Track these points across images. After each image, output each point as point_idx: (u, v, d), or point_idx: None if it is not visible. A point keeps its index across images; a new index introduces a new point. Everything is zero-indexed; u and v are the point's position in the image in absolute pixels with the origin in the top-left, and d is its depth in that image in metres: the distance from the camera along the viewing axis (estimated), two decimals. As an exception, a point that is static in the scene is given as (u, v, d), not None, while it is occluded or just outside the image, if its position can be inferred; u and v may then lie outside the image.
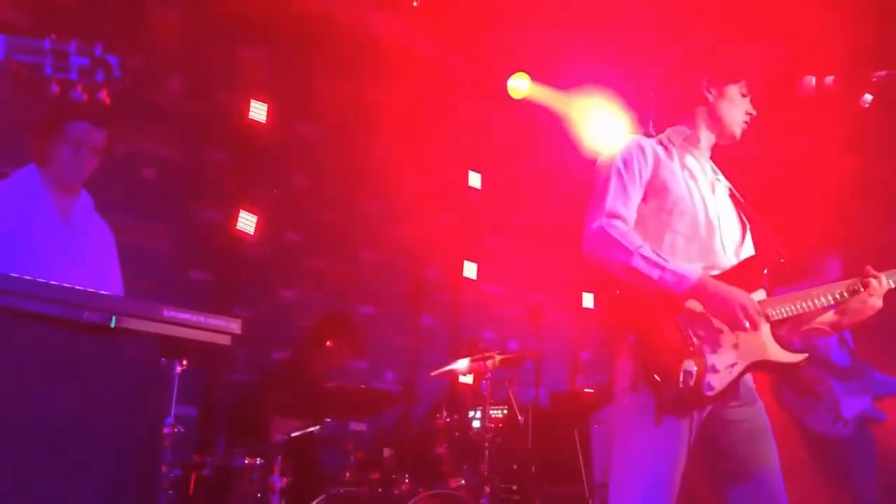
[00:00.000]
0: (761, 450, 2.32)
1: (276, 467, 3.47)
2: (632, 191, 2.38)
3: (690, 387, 2.16)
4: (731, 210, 2.56)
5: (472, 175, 6.71)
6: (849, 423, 4.08)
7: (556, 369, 6.61)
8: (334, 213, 5.79)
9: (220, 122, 5.25)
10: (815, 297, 2.41)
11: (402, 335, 6.02)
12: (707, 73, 2.55)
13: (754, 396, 2.40)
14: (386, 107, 6.26)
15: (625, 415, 2.31)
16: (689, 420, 2.23)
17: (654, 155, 2.46)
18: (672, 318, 2.26)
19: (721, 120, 2.56)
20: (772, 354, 2.32)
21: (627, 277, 2.26)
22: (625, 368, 2.30)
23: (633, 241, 2.26)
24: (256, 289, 5.27)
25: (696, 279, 2.22)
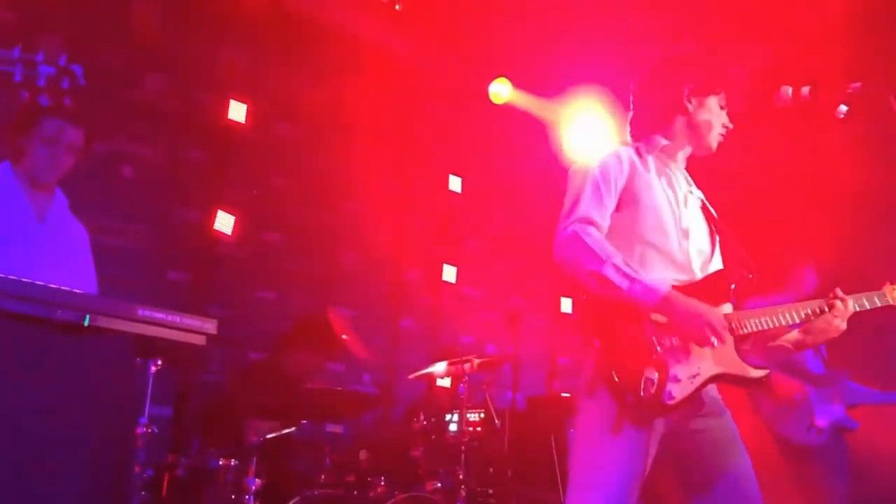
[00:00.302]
0: (731, 460, 2.32)
1: (250, 469, 3.45)
2: (606, 199, 2.38)
3: (651, 394, 2.16)
4: (702, 223, 2.56)
5: (453, 178, 6.72)
6: (822, 432, 4.10)
7: (533, 374, 6.62)
8: (313, 215, 5.77)
9: (200, 122, 5.23)
10: (780, 314, 2.42)
11: (381, 338, 6.00)
12: (688, 82, 2.56)
13: (721, 407, 2.40)
14: (367, 109, 6.26)
15: (584, 419, 2.31)
16: (649, 430, 2.22)
17: (630, 164, 2.46)
18: (638, 326, 2.25)
19: (699, 131, 2.56)
20: (734, 368, 2.32)
21: (597, 286, 2.24)
22: (587, 373, 2.30)
23: (606, 249, 2.25)
24: (234, 289, 5.24)
25: (664, 293, 2.21)
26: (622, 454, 2.21)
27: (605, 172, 2.41)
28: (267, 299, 5.39)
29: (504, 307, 6.90)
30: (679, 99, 2.55)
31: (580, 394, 2.33)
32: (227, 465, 3.54)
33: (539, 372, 6.38)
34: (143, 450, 3.27)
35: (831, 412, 4.13)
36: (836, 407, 4.16)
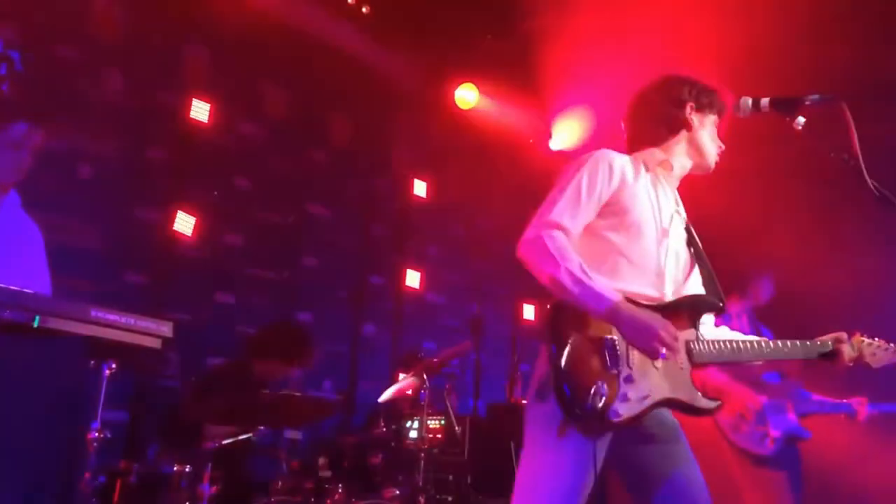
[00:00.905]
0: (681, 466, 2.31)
1: (205, 475, 3.38)
2: (585, 205, 2.35)
3: (597, 409, 2.13)
4: (683, 245, 2.54)
5: (418, 183, 6.71)
6: (776, 441, 4.17)
7: (495, 381, 6.63)
8: (277, 218, 5.72)
9: (161, 121, 5.15)
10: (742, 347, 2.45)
11: (342, 343, 5.96)
12: (692, 99, 2.57)
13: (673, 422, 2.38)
14: (332, 112, 6.24)
15: (533, 425, 2.28)
16: (595, 441, 2.20)
17: (620, 174, 2.43)
18: (598, 337, 2.23)
19: (702, 149, 2.57)
20: (685, 395, 2.30)
21: (553, 289, 2.24)
22: (540, 377, 2.28)
23: (565, 255, 2.24)
24: (193, 292, 5.16)
25: (613, 301, 2.19)
26: (567, 464, 2.19)
27: (592, 179, 2.38)
28: (227, 303, 5.32)
29: (467, 313, 6.91)
30: (684, 115, 2.56)
31: (531, 400, 2.31)
32: (182, 471, 3.47)
33: (501, 379, 6.38)
34: (95, 455, 3.18)
35: (784, 422, 4.21)
36: (790, 417, 4.24)
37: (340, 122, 6.27)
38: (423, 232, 6.75)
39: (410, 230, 6.65)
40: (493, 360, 6.92)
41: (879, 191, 2.21)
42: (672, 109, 2.56)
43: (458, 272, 6.99)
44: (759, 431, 4.20)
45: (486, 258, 7.20)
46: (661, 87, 2.63)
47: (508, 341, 7.19)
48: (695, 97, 2.57)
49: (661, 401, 2.25)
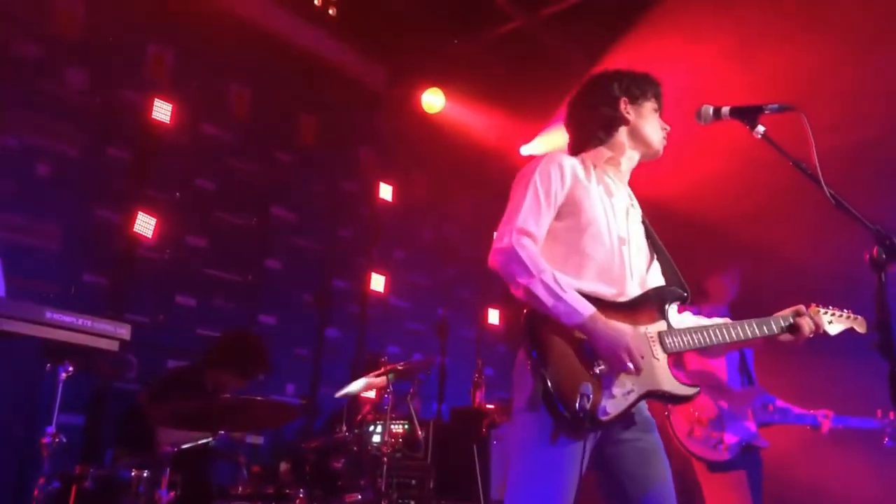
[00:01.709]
0: (655, 471, 2.36)
1: (163, 480, 3.32)
2: (544, 208, 2.41)
3: (587, 410, 2.18)
4: (641, 238, 2.60)
5: (384, 187, 6.69)
6: (729, 448, 4.14)
7: (460, 384, 6.63)
8: (240, 220, 5.66)
9: (122, 120, 5.07)
10: (711, 333, 2.49)
11: (305, 347, 5.92)
12: (624, 94, 2.62)
13: (648, 417, 2.44)
14: (297, 114, 6.20)
15: (522, 432, 2.32)
16: (584, 441, 2.25)
17: (572, 174, 2.48)
18: (577, 341, 2.29)
19: (645, 138, 2.63)
20: (666, 386, 2.37)
21: (527, 299, 2.29)
22: (525, 385, 2.31)
23: (538, 265, 2.29)
24: (153, 295, 5.08)
25: (586, 316, 2.25)
26: (558, 467, 2.23)
27: (546, 182, 2.43)
28: (188, 305, 5.25)
29: (432, 317, 6.91)
30: (618, 111, 2.61)
31: (519, 407, 2.33)
32: (139, 476, 3.40)
33: (465, 383, 6.38)
34: (49, 460, 3.12)
35: (742, 429, 4.18)
36: (747, 424, 4.21)
37: (306, 124, 6.23)
38: (388, 236, 6.73)
39: (376, 234, 6.63)
40: (457, 364, 6.92)
41: (836, 199, 2.25)
42: (606, 109, 2.63)
43: (423, 276, 6.98)
44: (714, 437, 4.18)
45: (452, 262, 7.22)
46: (591, 88, 2.70)
47: (473, 345, 7.20)
48: (625, 91, 2.64)
49: (644, 393, 2.33)
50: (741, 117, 2.44)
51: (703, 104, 2.49)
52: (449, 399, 6.64)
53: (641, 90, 2.65)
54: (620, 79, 2.66)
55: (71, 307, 2.25)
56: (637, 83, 2.66)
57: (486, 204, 2.52)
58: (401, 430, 4.84)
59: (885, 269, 2.11)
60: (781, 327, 2.60)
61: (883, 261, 2.11)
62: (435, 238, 7.20)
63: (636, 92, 2.64)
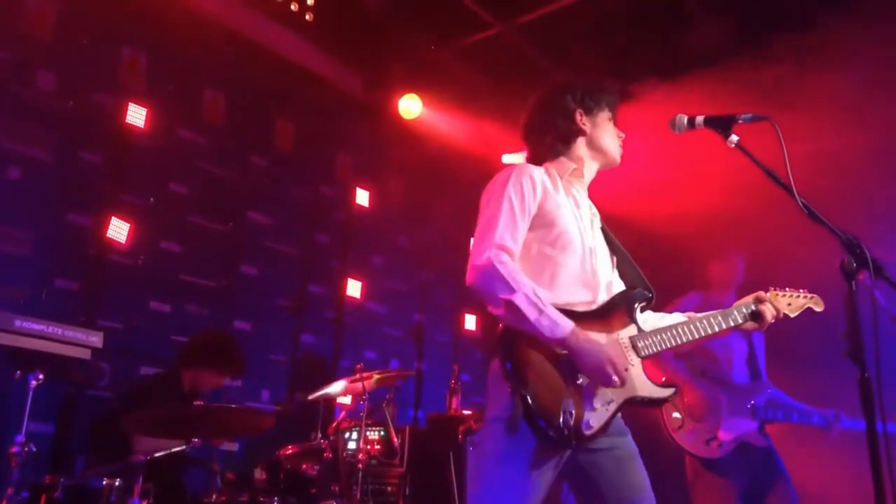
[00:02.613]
0: (634, 479, 2.37)
1: (135, 489, 3.28)
2: (520, 222, 2.41)
3: (570, 426, 2.20)
4: (604, 245, 2.64)
5: (360, 192, 6.68)
6: (724, 445, 3.97)
7: (436, 390, 6.62)
8: (215, 225, 5.62)
9: (95, 124, 5.01)
10: (680, 331, 2.51)
11: (281, 353, 5.88)
12: (579, 105, 2.66)
13: (623, 426, 2.45)
14: (274, 119, 6.17)
15: (497, 443, 2.29)
16: (561, 454, 2.27)
17: (542, 185, 2.50)
18: (554, 356, 2.29)
19: (602, 148, 2.66)
20: (645, 391, 2.39)
21: (507, 314, 2.28)
22: (500, 398, 2.30)
23: (519, 280, 2.29)
24: (127, 301, 5.02)
25: (568, 330, 2.26)
26: (532, 481, 2.24)
27: (519, 196, 2.44)
28: (162, 312, 5.19)
29: (408, 323, 6.90)
30: (574, 123, 2.65)
31: (491, 415, 2.32)
32: (111, 485, 3.36)
33: (442, 389, 6.37)
34: (18, 469, 3.07)
35: (738, 426, 4.01)
36: (746, 421, 4.05)
37: (282, 128, 6.20)
38: (365, 241, 6.71)
39: (352, 239, 6.61)
40: (433, 370, 6.92)
41: (808, 208, 2.28)
42: (562, 122, 2.66)
43: (399, 281, 6.97)
44: (707, 434, 4.02)
45: (429, 268, 7.21)
46: (546, 102, 2.72)
47: (449, 351, 7.20)
48: (580, 102, 2.67)
49: (623, 402, 2.35)
50: (715, 127, 2.47)
51: (678, 114, 2.52)
52: (425, 405, 6.64)
53: (595, 101, 2.69)
54: (574, 90, 2.69)
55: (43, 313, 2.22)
56: (591, 94, 2.70)
57: (463, 210, 2.52)
58: (376, 437, 4.82)
59: (855, 277, 2.14)
60: (745, 315, 2.64)
61: (853, 269, 2.14)
62: (412, 244, 7.19)
63: (590, 103, 2.67)
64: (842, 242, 2.19)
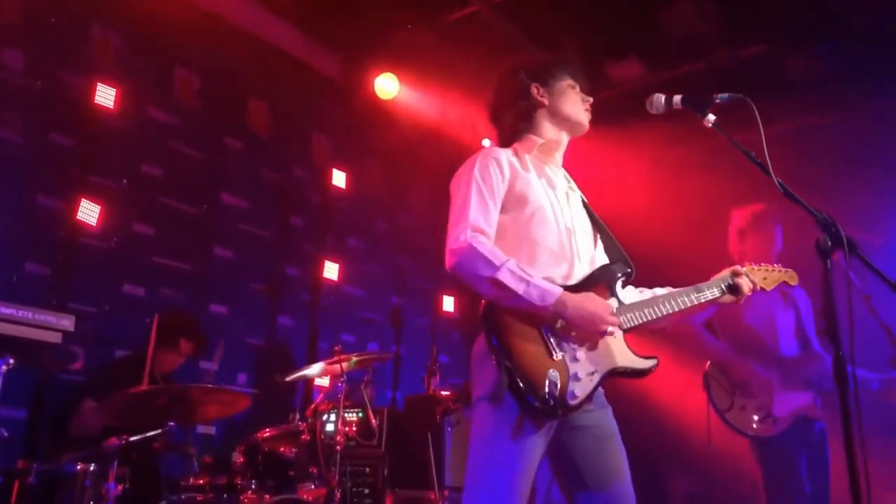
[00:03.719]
0: (613, 459, 2.40)
1: (110, 473, 3.25)
2: (491, 205, 2.44)
3: (556, 396, 2.22)
4: (585, 219, 2.65)
5: (337, 173, 6.62)
6: (779, 421, 3.77)
7: (414, 372, 6.63)
8: (189, 207, 5.54)
9: (64, 105, 4.91)
10: (660, 305, 2.53)
11: (257, 336, 5.84)
12: (534, 80, 2.68)
13: (604, 401, 2.49)
14: (248, 99, 6.09)
15: (484, 422, 2.32)
16: (547, 430, 2.30)
17: (510, 166, 2.52)
18: (535, 328, 2.32)
19: (564, 114, 2.68)
20: (627, 362, 2.42)
21: (493, 292, 2.30)
22: (487, 374, 2.31)
23: (499, 255, 2.31)
24: (100, 284, 4.95)
25: (558, 295, 2.30)
26: (524, 451, 2.26)
27: (487, 179, 2.46)
28: (136, 295, 5.13)
29: (386, 305, 6.88)
30: (533, 100, 2.67)
31: (478, 393, 2.35)
32: (86, 469, 3.33)
33: (420, 370, 6.38)
34: (-10, 455, 3.04)
35: (793, 400, 3.80)
36: (803, 395, 3.83)
37: (256, 109, 6.12)
38: (341, 223, 6.67)
39: (329, 221, 6.56)
40: (412, 352, 6.92)
41: (784, 187, 2.29)
42: (520, 101, 2.69)
43: (377, 264, 6.94)
44: (761, 412, 3.82)
45: (406, 250, 7.19)
46: (503, 84, 2.76)
47: (427, 333, 7.20)
48: (533, 76, 2.69)
49: (607, 372, 2.38)
50: (692, 106, 2.47)
51: (656, 93, 2.52)
52: (403, 387, 6.64)
53: (550, 72, 2.71)
54: (528, 67, 2.72)
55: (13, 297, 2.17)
56: (544, 66, 2.73)
57: (441, 191, 2.51)
58: (355, 419, 4.82)
59: (831, 256, 2.16)
60: (722, 289, 2.67)
61: (828, 248, 2.15)
62: (389, 226, 7.16)
63: (545, 76, 2.70)
64: (817, 221, 2.21)
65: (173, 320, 4.48)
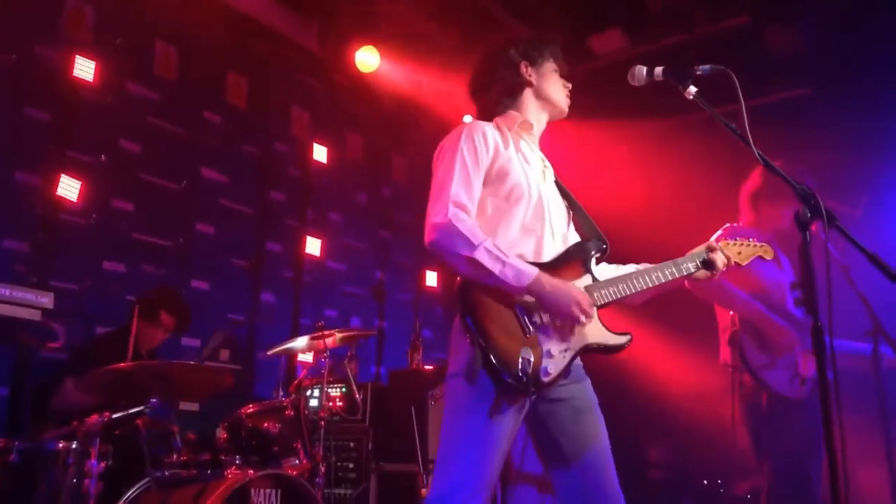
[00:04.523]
0: (590, 430, 2.42)
1: (93, 451, 3.24)
2: (474, 180, 2.43)
3: (528, 374, 2.23)
4: (558, 197, 2.66)
5: (318, 148, 6.58)
6: (807, 382, 3.68)
7: (398, 347, 6.64)
8: (169, 183, 5.49)
9: (40, 78, 4.83)
10: (634, 281, 2.55)
11: (240, 312, 5.82)
12: (523, 57, 2.68)
13: (582, 374, 2.51)
14: (227, 73, 6.02)
15: (458, 395, 2.34)
16: (522, 405, 2.31)
17: (493, 141, 2.52)
18: (509, 305, 2.33)
19: (550, 99, 2.69)
20: (600, 338, 2.44)
21: (470, 270, 2.30)
22: (462, 351, 2.33)
23: (478, 235, 2.31)
24: (80, 261, 4.91)
25: (534, 276, 2.30)
26: (494, 429, 2.27)
27: (472, 153, 2.45)
28: (116, 271, 5.09)
29: (369, 281, 6.88)
30: (521, 76, 2.67)
31: (453, 370, 2.36)
32: (68, 447, 3.31)
33: (403, 345, 6.40)
34: (-29, 433, 3.02)
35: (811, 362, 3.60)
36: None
37: (236, 83, 6.05)
38: (323, 198, 6.63)
39: (310, 196, 6.52)
40: (395, 327, 6.93)
41: (764, 159, 2.29)
42: (508, 75, 2.68)
43: (359, 239, 6.93)
44: (790, 371, 3.72)
45: (389, 225, 7.17)
46: (490, 58, 2.74)
47: (410, 307, 7.21)
48: (524, 54, 2.69)
49: (580, 349, 2.39)
50: (673, 78, 2.47)
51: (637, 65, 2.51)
52: (387, 362, 6.66)
53: (539, 52, 2.71)
54: (517, 43, 2.72)
55: (-10, 276, 2.14)
56: (534, 45, 2.72)
57: (423, 166, 2.50)
58: (338, 394, 4.83)
59: (809, 227, 2.17)
60: (697, 265, 2.68)
61: (807, 219, 2.17)
62: (371, 201, 7.13)
63: (534, 54, 2.69)
64: (797, 193, 2.22)
65: (154, 295, 4.46)
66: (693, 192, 5.68)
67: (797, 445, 3.62)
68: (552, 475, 2.43)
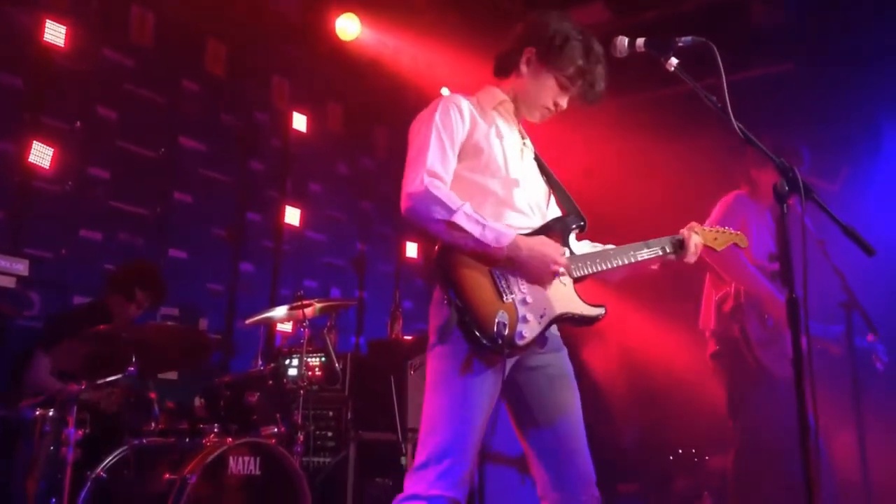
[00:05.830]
0: (563, 397, 2.48)
1: (70, 419, 3.23)
2: (450, 152, 2.44)
3: (504, 336, 2.26)
4: (537, 174, 2.67)
5: (297, 117, 6.51)
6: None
7: (377, 318, 6.64)
8: (146, 151, 5.42)
9: (9, 43, 4.72)
10: (611, 258, 2.58)
11: (219, 282, 5.79)
12: (537, 45, 2.58)
13: (559, 343, 2.55)
14: (205, 40, 5.92)
15: (439, 363, 2.37)
16: (500, 366, 2.33)
17: (470, 115, 2.53)
18: (486, 271, 2.35)
19: (526, 97, 2.64)
20: (575, 308, 2.47)
21: (449, 234, 2.32)
22: (440, 317, 2.35)
23: (456, 200, 2.34)
24: (56, 229, 4.85)
25: (513, 237, 2.34)
26: (477, 392, 2.31)
27: (448, 125, 2.46)
28: (93, 240, 5.03)
29: (349, 251, 6.86)
30: (518, 59, 2.62)
31: (433, 341, 2.38)
32: (45, 415, 3.31)
33: (383, 316, 6.41)
34: (-54, 402, 2.99)
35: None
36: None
37: (214, 50, 5.96)
38: (302, 168, 6.58)
39: (289, 166, 6.47)
40: (375, 298, 6.93)
41: (744, 132, 2.30)
42: (512, 50, 2.63)
43: (339, 210, 6.89)
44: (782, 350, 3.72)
45: (369, 195, 7.14)
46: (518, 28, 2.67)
47: (391, 278, 7.21)
48: (543, 43, 2.56)
49: (556, 316, 2.42)
50: (655, 49, 2.46)
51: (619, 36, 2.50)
52: (367, 332, 6.67)
53: (557, 60, 2.56)
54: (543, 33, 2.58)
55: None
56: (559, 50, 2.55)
57: (403, 136, 2.48)
58: (318, 363, 4.83)
59: (787, 200, 2.18)
60: (673, 246, 2.70)
61: (785, 192, 2.18)
62: (351, 171, 7.09)
63: (551, 57, 2.56)
64: (776, 166, 2.23)
65: (128, 271, 4.41)
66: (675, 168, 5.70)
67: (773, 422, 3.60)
68: (526, 439, 2.48)
